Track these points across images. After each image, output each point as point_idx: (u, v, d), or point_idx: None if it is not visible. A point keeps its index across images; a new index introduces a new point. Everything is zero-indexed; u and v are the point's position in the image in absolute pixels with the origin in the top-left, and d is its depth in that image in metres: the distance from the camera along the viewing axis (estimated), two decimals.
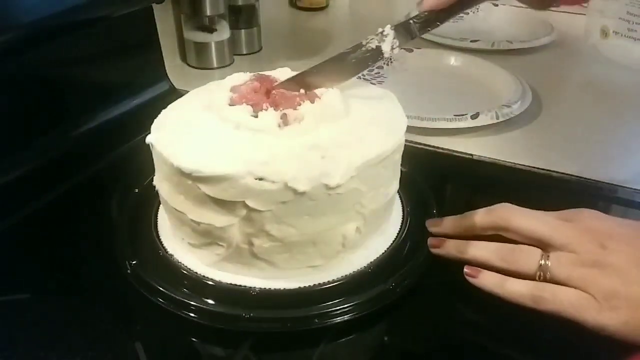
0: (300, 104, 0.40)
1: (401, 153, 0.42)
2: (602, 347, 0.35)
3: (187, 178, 0.36)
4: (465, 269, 0.38)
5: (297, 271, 0.39)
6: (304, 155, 0.36)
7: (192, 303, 0.37)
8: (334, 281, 0.39)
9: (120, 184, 0.52)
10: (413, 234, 0.43)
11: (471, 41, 0.86)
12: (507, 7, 1.06)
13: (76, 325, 0.38)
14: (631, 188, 0.53)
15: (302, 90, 0.41)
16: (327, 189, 0.35)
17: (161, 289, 0.38)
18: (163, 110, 0.43)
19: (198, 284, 0.39)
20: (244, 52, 0.88)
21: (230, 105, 0.40)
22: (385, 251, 0.42)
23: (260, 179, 0.34)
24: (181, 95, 0.46)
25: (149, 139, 0.40)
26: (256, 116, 0.39)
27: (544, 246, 0.37)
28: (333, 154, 0.36)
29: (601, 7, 0.87)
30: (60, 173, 0.54)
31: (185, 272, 0.40)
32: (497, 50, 0.85)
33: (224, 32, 0.81)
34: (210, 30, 0.80)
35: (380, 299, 0.38)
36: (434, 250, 0.41)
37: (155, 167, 0.41)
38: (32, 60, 0.53)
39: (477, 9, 1.04)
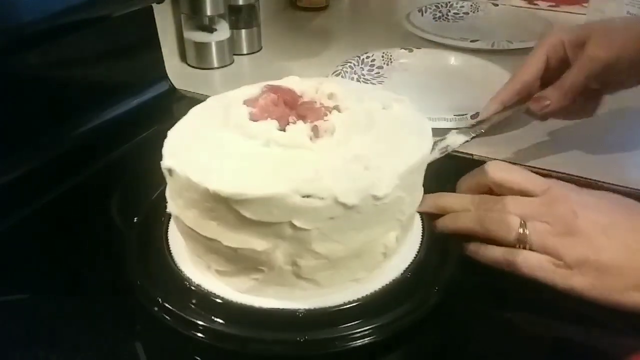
0: (326, 114, 0.38)
1: None
2: (602, 347, 0.35)
3: (223, 203, 0.33)
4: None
5: (340, 286, 0.37)
6: (347, 168, 0.35)
7: (245, 336, 0.35)
8: (381, 290, 0.38)
9: (121, 184, 0.52)
10: (437, 237, 0.42)
11: (471, 41, 0.86)
12: (507, 7, 1.06)
13: (76, 325, 0.38)
14: (631, 188, 0.53)
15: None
16: (375, 199, 0.34)
17: (199, 322, 0.35)
18: (169, 132, 0.39)
19: (239, 313, 0.36)
20: (244, 52, 0.88)
21: (252, 120, 0.38)
22: (416, 256, 0.41)
23: (308, 197, 0.33)
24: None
25: (167, 164, 0.36)
26: (283, 130, 0.37)
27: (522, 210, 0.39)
28: (376, 164, 0.35)
29: (601, 7, 0.87)
30: (60, 173, 0.54)
31: (221, 300, 0.37)
32: (497, 50, 0.85)
33: (224, 32, 0.81)
34: (210, 30, 0.80)
35: (429, 303, 0.37)
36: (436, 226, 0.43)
37: (174, 194, 0.37)
38: (32, 60, 0.53)
39: (477, 8, 1.05)
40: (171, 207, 0.39)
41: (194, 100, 0.70)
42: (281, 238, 0.34)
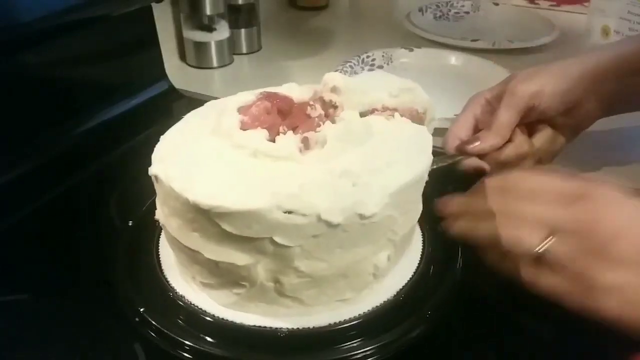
0: (320, 125, 0.37)
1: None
2: (602, 347, 0.35)
3: (204, 215, 0.32)
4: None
5: (325, 306, 0.36)
6: (334, 184, 0.33)
7: (225, 355, 0.34)
8: (365, 315, 0.36)
9: (120, 184, 0.52)
10: (436, 258, 0.41)
11: (472, 40, 0.86)
12: (508, 6, 1.05)
13: (76, 325, 0.38)
14: (631, 188, 0.52)
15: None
16: (362, 218, 0.32)
17: (185, 341, 0.34)
18: (162, 137, 0.39)
19: (220, 329, 0.35)
20: (244, 52, 0.88)
21: (242, 129, 0.36)
22: (412, 277, 0.38)
23: (289, 213, 0.31)
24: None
25: (153, 170, 0.35)
26: (273, 141, 0.36)
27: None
28: (365, 181, 0.33)
29: (602, 7, 0.87)
30: (60, 172, 0.54)
31: (203, 316, 0.36)
32: (497, 50, 0.85)
33: (223, 31, 0.81)
34: (210, 29, 0.80)
35: (418, 328, 0.35)
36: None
37: (160, 201, 0.37)
38: (31, 60, 0.53)
39: (478, 8, 1.04)
40: (158, 214, 0.38)
41: (194, 100, 0.70)
42: (262, 254, 0.33)
